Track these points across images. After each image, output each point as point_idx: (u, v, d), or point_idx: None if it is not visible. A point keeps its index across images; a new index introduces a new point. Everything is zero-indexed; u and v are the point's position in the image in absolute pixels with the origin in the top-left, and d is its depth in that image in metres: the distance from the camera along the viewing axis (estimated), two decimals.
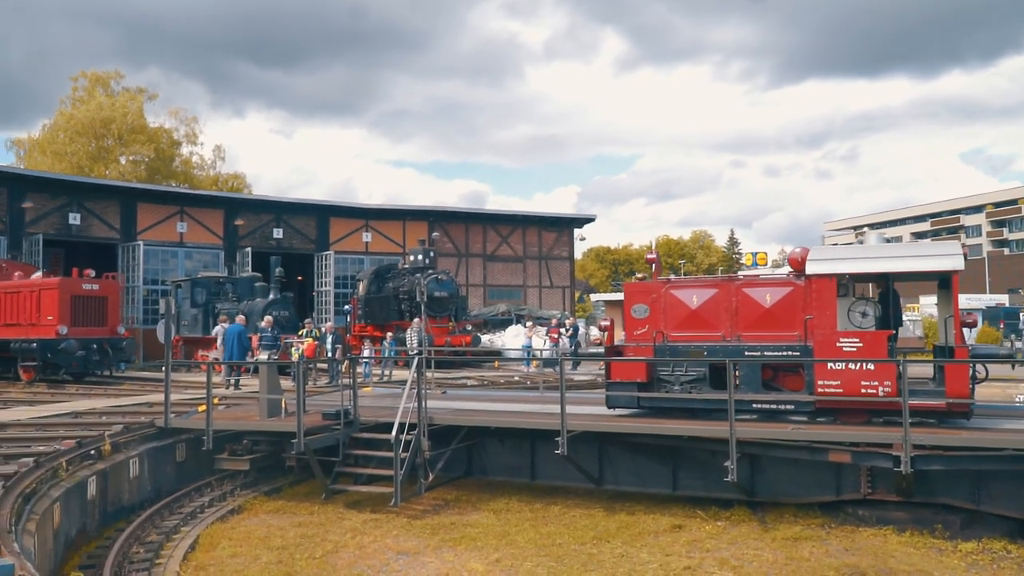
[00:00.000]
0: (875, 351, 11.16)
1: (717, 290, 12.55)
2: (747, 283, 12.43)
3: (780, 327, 11.97)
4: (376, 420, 13.16)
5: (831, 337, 11.39)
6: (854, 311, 11.79)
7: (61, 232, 32.93)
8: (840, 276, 11.65)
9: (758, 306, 12.15)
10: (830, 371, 11.20)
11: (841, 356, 11.21)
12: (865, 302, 11.91)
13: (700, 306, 12.53)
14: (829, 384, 11.21)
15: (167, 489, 12.82)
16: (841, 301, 11.75)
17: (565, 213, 51.51)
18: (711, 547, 10.29)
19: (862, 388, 10.99)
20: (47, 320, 22.75)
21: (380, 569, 9.61)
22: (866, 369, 10.99)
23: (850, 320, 11.72)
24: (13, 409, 16.41)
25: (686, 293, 12.71)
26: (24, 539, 7.68)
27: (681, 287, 12.91)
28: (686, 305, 12.63)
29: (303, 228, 39.86)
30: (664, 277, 13.36)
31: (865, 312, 11.76)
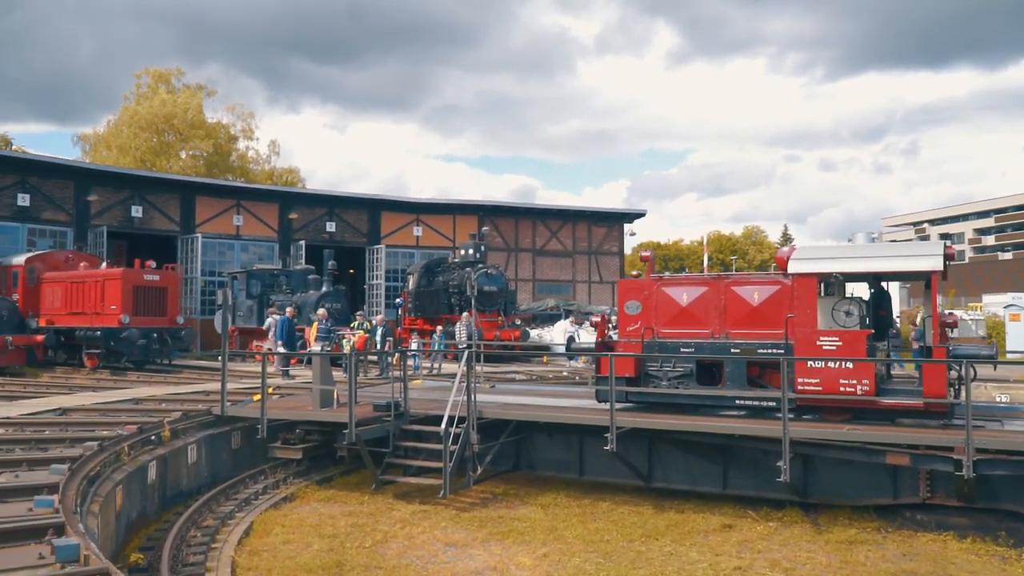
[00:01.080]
0: (854, 350, 11.15)
1: (707, 288, 12.70)
2: (736, 281, 12.59)
3: (766, 325, 12.03)
4: (426, 412, 13.27)
5: (811, 336, 11.44)
6: (838, 310, 11.73)
7: (124, 224, 33.86)
8: (821, 275, 11.77)
9: (746, 304, 12.27)
10: (810, 369, 11.27)
11: (820, 355, 11.24)
12: (850, 301, 11.83)
13: (690, 303, 12.73)
14: (809, 382, 11.26)
15: (223, 475, 13.12)
16: (826, 300, 11.86)
17: (615, 208, 51.25)
18: (762, 548, 10.16)
19: (841, 386, 11.02)
20: (110, 309, 23.47)
21: (429, 560, 9.70)
22: (845, 368, 11.04)
23: (834, 319, 11.69)
24: (78, 394, 16.98)
25: (677, 291, 12.90)
26: (88, 520, 7.93)
27: (672, 285, 13.06)
28: (676, 302, 12.82)
29: (355, 222, 40.34)
30: (657, 275, 13.50)
31: (849, 311, 11.67)
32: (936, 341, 11.20)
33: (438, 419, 12.25)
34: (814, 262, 11.82)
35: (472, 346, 14.27)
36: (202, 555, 9.45)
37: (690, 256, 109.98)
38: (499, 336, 28.20)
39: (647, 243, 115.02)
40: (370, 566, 9.40)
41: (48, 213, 31.90)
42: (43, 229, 31.78)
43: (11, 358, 22.92)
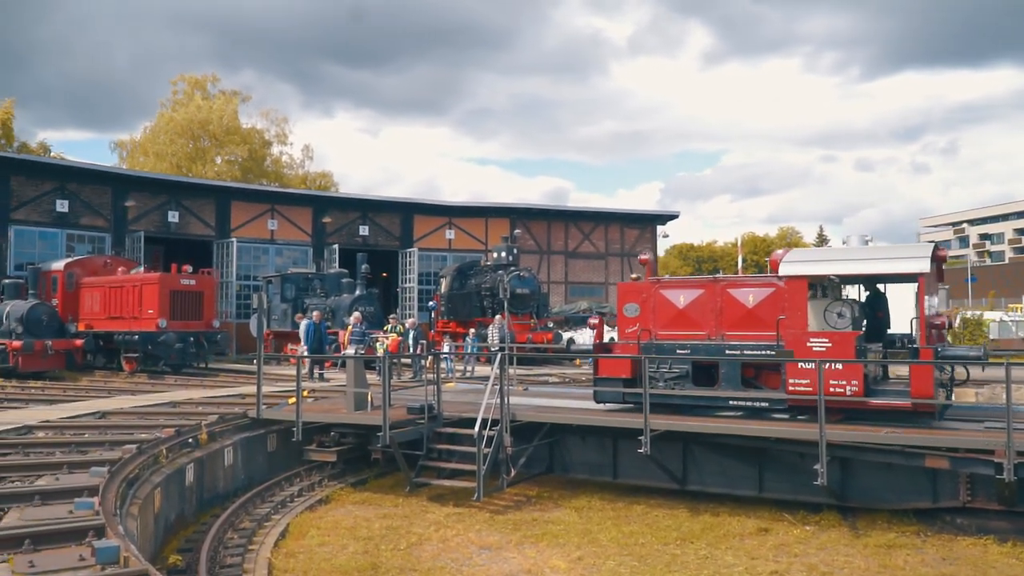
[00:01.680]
0: (843, 351, 11.26)
1: (703, 290, 12.91)
2: (731, 284, 12.78)
3: (761, 327, 12.17)
4: (459, 415, 13.30)
5: (801, 337, 11.61)
6: (831, 312, 11.88)
7: (161, 229, 34.39)
8: (811, 277, 11.92)
9: (741, 306, 12.46)
10: (801, 370, 11.38)
11: (810, 356, 11.34)
12: (843, 303, 12.00)
13: (687, 306, 12.93)
14: (800, 383, 11.39)
15: (259, 478, 13.25)
16: (819, 302, 12.02)
17: (648, 210, 50.99)
18: (799, 552, 10.02)
19: (831, 387, 11.02)
20: (148, 314, 23.85)
21: (463, 563, 9.71)
22: (835, 369, 11.08)
23: (826, 320, 11.83)
24: (117, 398, 17.26)
25: (674, 293, 13.13)
26: (128, 522, 8.05)
27: (669, 287, 13.32)
28: (673, 305, 13.04)
29: (388, 225, 40.57)
30: (655, 278, 13.74)
31: (842, 313, 11.81)
32: (923, 342, 11.22)
33: (471, 422, 12.26)
34: (804, 264, 12.05)
35: (505, 349, 14.25)
36: (239, 557, 9.55)
37: (724, 258, 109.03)
38: (532, 339, 28.18)
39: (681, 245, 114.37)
40: (405, 568, 9.43)
41: (86, 219, 32.50)
42: (81, 235, 32.38)
43: (51, 362, 23.38)
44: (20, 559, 6.14)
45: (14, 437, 11.73)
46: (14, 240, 30.40)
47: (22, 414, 14.35)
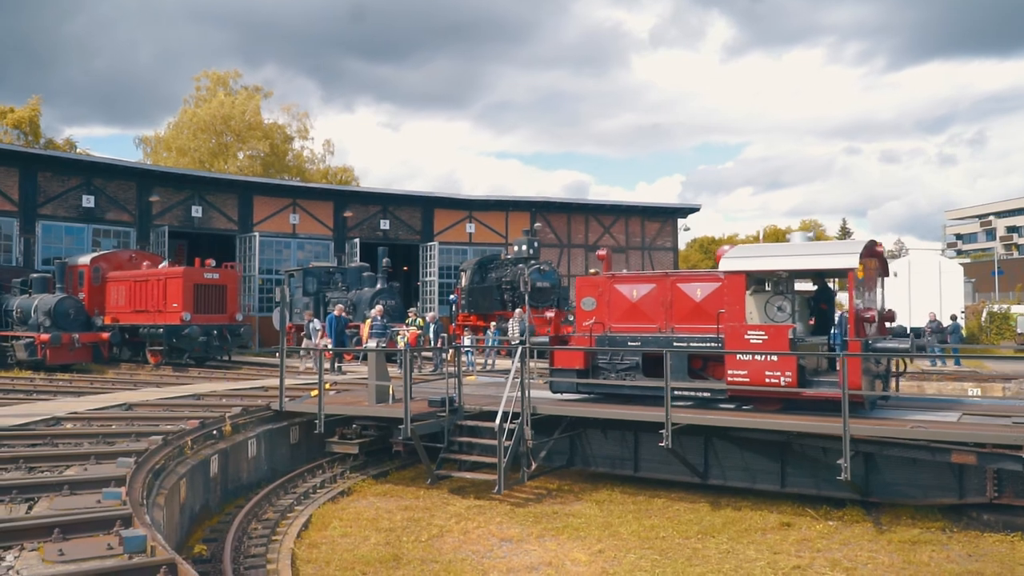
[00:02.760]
0: (778, 344, 11.66)
1: (655, 285, 13.43)
2: (681, 278, 13.32)
3: (707, 320, 12.62)
4: (480, 408, 13.33)
5: (739, 330, 12.01)
6: (771, 305, 12.38)
7: (184, 224, 34.72)
8: (748, 273, 12.31)
9: (689, 300, 12.99)
10: (739, 361, 11.81)
11: (747, 348, 11.78)
12: (783, 298, 12.42)
13: (639, 300, 13.46)
14: (738, 374, 11.84)
15: (282, 470, 13.37)
16: (761, 296, 12.48)
17: (669, 203, 50.75)
18: (822, 547, 9.97)
19: (766, 378, 11.53)
20: (172, 307, 24.10)
21: (484, 555, 9.74)
22: (770, 360, 11.53)
23: (767, 314, 12.33)
24: (143, 390, 17.46)
25: (628, 287, 13.65)
26: (154, 512, 8.15)
27: (623, 282, 13.79)
28: (627, 299, 13.57)
29: (408, 219, 40.70)
30: (610, 273, 14.21)
31: (781, 307, 12.33)
32: (852, 335, 11.64)
33: (492, 415, 12.30)
34: (741, 260, 12.47)
35: (525, 342, 14.27)
36: (263, 547, 9.65)
37: None
38: None
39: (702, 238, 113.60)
40: (426, 560, 9.48)
41: (112, 214, 32.87)
42: (107, 229, 32.77)
43: (78, 355, 23.70)
44: (50, 547, 6.24)
45: (43, 428, 11.91)
46: (42, 235, 30.82)
47: (51, 405, 14.57)
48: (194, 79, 59.49)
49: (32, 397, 16.53)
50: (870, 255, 12.49)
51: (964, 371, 21.66)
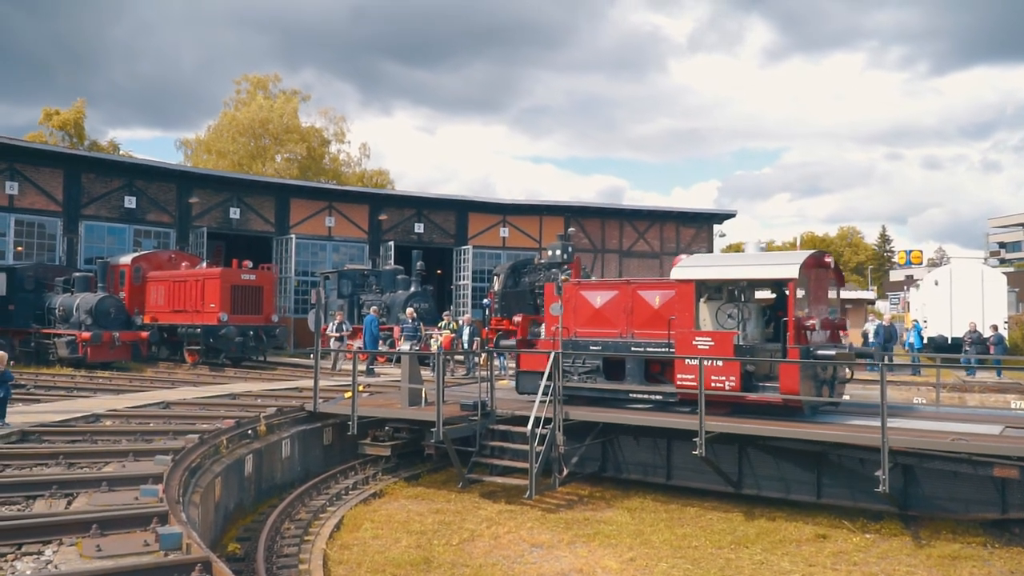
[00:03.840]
0: (723, 350, 12.12)
1: (617, 292, 14.03)
2: (641, 286, 13.93)
3: (663, 326, 13.11)
4: (512, 413, 13.32)
5: (688, 336, 12.51)
6: (723, 313, 12.96)
7: (222, 225, 35.18)
8: (697, 282, 12.88)
9: (648, 307, 13.51)
10: (687, 366, 12.26)
11: (695, 353, 12.20)
12: (733, 306, 12.99)
13: (602, 306, 14.03)
14: (686, 378, 12.27)
15: (314, 470, 13.47)
16: (713, 304, 13.08)
17: (704, 208, 50.31)
18: (858, 560, 9.79)
19: (712, 382, 11.93)
20: (210, 308, 24.43)
21: (515, 560, 9.72)
22: (716, 365, 12.00)
23: (718, 321, 12.92)
24: (180, 389, 17.73)
25: (592, 294, 14.32)
26: (190, 510, 8.25)
27: (588, 289, 14.54)
28: (591, 305, 14.18)
29: (443, 223, 40.85)
30: (576, 280, 14.77)
31: (732, 314, 12.92)
32: (791, 342, 12.07)
33: (524, 419, 12.28)
34: (691, 269, 13.12)
35: None
36: (295, 547, 9.72)
37: None
38: None
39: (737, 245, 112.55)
40: (457, 564, 9.49)
41: (153, 214, 33.42)
42: (148, 230, 33.30)
43: (118, 353, 24.10)
44: (88, 543, 6.34)
45: (83, 425, 12.14)
46: (85, 235, 31.42)
47: (91, 403, 14.84)
48: (234, 82, 60.42)
49: (73, 394, 16.85)
50: (818, 266, 13.11)
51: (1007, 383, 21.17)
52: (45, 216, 30.57)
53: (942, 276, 31.95)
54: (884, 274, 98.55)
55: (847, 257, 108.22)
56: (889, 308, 47.97)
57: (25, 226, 30.06)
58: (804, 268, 12.35)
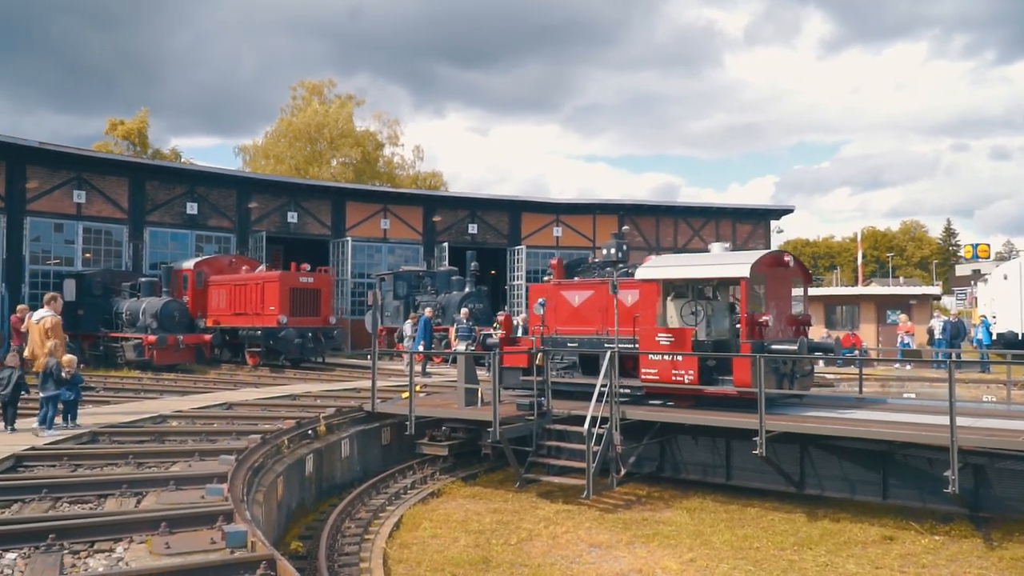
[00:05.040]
0: (682, 345, 12.71)
1: (594, 291, 14.83)
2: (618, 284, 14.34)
3: (640, 323, 13.68)
4: (568, 412, 13.27)
5: (651, 332, 13.10)
6: (686, 311, 13.60)
7: (281, 229, 35.86)
8: (659, 281, 13.55)
9: (622, 305, 14.00)
10: (651, 361, 12.89)
11: (657, 348, 12.84)
12: (696, 303, 13.68)
13: (580, 304, 14.93)
14: (650, 372, 12.93)
15: (373, 470, 13.63)
16: (679, 302, 13.75)
17: (761, 204, 49.50)
18: (927, 563, 9.52)
19: (673, 376, 12.60)
20: (269, 310, 24.90)
21: (573, 560, 9.69)
22: (675, 360, 12.58)
23: (682, 318, 13.57)
24: (242, 390, 18.11)
25: (571, 293, 15.25)
26: (254, 508, 8.41)
27: (568, 288, 15.39)
28: (570, 304, 15.11)
29: (496, 223, 40.97)
30: (557, 280, 15.80)
31: (695, 311, 13.62)
32: (743, 337, 12.59)
33: (581, 419, 12.23)
34: (652, 270, 13.84)
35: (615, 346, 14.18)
36: (356, 546, 9.85)
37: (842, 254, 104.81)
38: None
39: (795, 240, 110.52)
40: (515, 563, 9.49)
41: (214, 220, 34.23)
42: (209, 235, 34.14)
43: (183, 355, 24.74)
44: (157, 540, 6.52)
45: (151, 425, 12.48)
46: (149, 241, 32.35)
47: (157, 404, 15.26)
48: (290, 88, 61.63)
49: (140, 396, 17.35)
50: (777, 265, 13.65)
51: None
52: (111, 223, 31.54)
53: (1011, 270, 30.85)
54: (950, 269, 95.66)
55: (910, 252, 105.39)
56: (955, 304, 46.56)
57: (93, 233, 31.08)
58: (757, 267, 12.87)
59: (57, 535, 6.49)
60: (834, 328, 29.78)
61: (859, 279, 46.37)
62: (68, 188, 30.30)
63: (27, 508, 7.76)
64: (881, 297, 31.33)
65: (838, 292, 34.36)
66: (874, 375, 23.21)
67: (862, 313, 30.19)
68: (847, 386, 21.15)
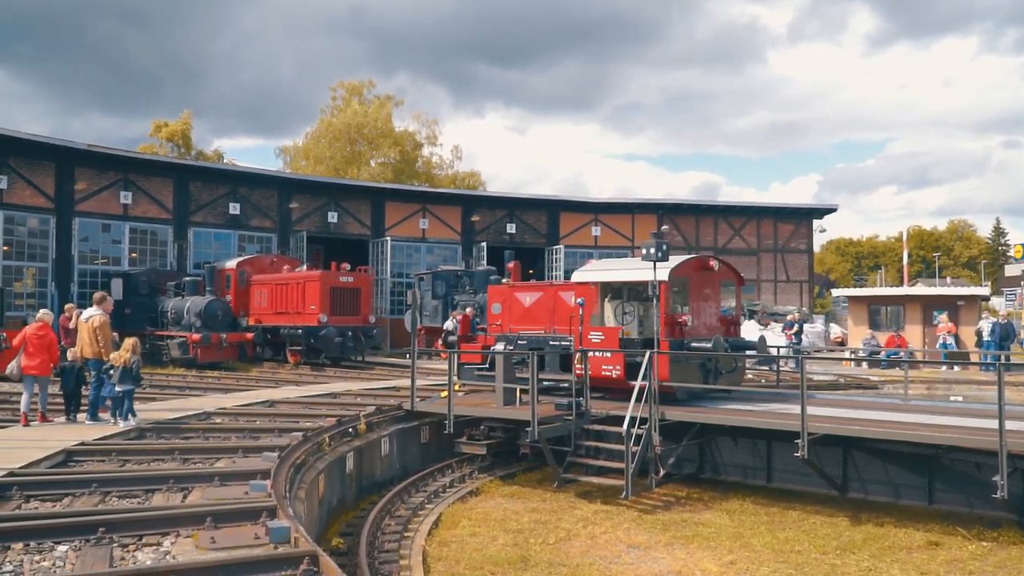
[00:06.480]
0: (611, 342, 13.71)
1: (543, 293, 16.07)
2: (561, 287, 15.72)
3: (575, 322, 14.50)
4: (607, 412, 13.24)
5: (585, 331, 14.05)
6: (619, 311, 14.55)
7: (321, 229, 36.26)
8: (592, 284, 14.70)
9: (567, 305, 15.14)
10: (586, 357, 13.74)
11: (590, 346, 13.73)
12: (630, 304, 14.71)
13: (531, 305, 15.97)
14: (582, 368, 13.62)
15: (412, 468, 13.73)
16: (615, 302, 14.73)
17: (804, 203, 48.78)
18: (974, 569, 9.31)
19: (603, 371, 13.50)
20: (310, 309, 25.19)
21: (612, 560, 9.66)
22: (605, 356, 13.54)
23: (616, 318, 14.50)
24: (283, 388, 18.36)
25: (523, 295, 16.38)
26: (296, 505, 8.54)
27: (520, 290, 16.58)
28: (522, 304, 16.21)
29: (534, 223, 40.97)
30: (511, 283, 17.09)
31: (628, 312, 14.65)
32: (663, 336, 13.66)
33: (620, 419, 12.19)
34: (587, 273, 15.29)
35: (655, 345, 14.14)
36: (396, 543, 9.93)
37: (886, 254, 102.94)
38: None
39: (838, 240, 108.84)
40: (554, 563, 9.50)
41: (255, 220, 34.73)
42: (251, 235, 34.64)
43: (226, 354, 25.13)
44: (203, 535, 6.64)
45: (195, 422, 12.72)
46: (193, 241, 32.94)
47: (202, 401, 15.54)
48: (330, 89, 62.23)
49: (185, 393, 17.67)
50: (702, 269, 14.77)
51: None
52: (157, 224, 32.17)
53: None
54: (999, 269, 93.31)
55: (958, 251, 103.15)
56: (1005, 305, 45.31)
57: (139, 233, 31.72)
58: (677, 272, 14.07)
59: (107, 529, 6.64)
60: (878, 329, 29.26)
61: (904, 279, 45.43)
62: (115, 189, 30.98)
63: (77, 502, 7.96)
64: (927, 297, 30.68)
65: (882, 292, 33.74)
66: (920, 377, 22.77)
67: (908, 314, 29.60)
68: (891, 388, 20.79)
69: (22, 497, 7.92)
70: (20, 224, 28.69)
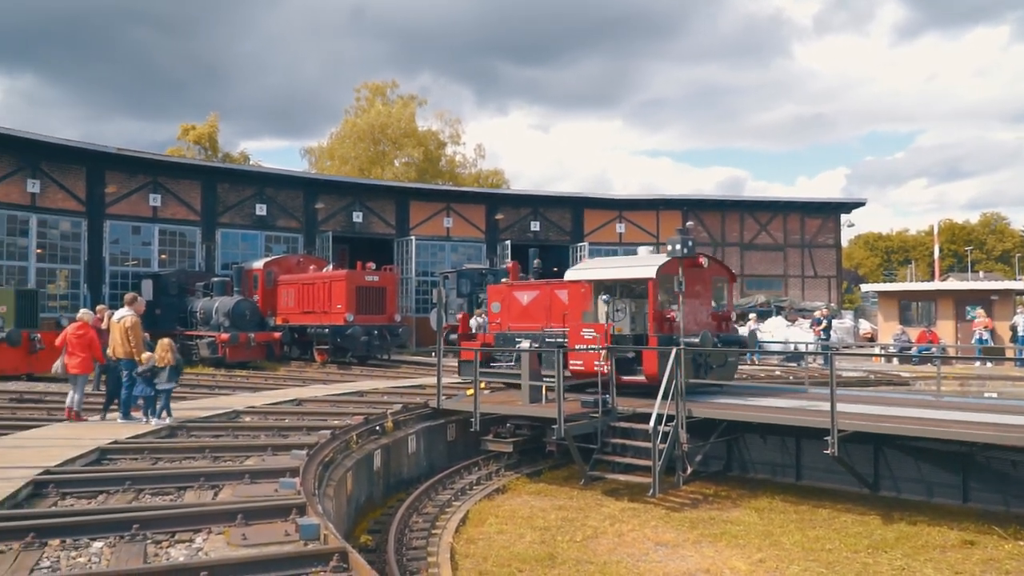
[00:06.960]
0: (601, 339, 13.84)
1: (539, 291, 16.32)
2: (556, 286, 15.89)
3: (568, 320, 15.04)
4: (633, 410, 13.20)
5: (577, 328, 14.38)
6: (612, 308, 14.68)
7: (346, 229, 36.46)
8: (584, 282, 15.01)
9: (561, 303, 15.56)
10: (577, 352, 14.09)
11: (582, 342, 14.10)
12: (622, 302, 14.98)
13: (529, 303, 16.34)
14: (576, 363, 14.08)
15: (439, 466, 13.77)
16: (608, 300, 14.71)
17: (831, 198, 48.24)
18: (1011, 569, 9.17)
19: (594, 366, 13.51)
20: (337, 308, 25.35)
21: (639, 558, 9.63)
22: (595, 351, 13.72)
23: (609, 315, 14.56)
24: (311, 387, 18.49)
25: (520, 294, 16.64)
26: (325, 502, 8.59)
27: (519, 289, 16.83)
28: (520, 303, 16.47)
29: (558, 220, 40.91)
30: (510, 282, 17.26)
31: (619, 309, 14.87)
32: (651, 331, 13.98)
33: (646, 416, 12.14)
34: (577, 272, 15.60)
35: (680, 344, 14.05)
36: (423, 540, 9.97)
37: (917, 248, 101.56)
38: None
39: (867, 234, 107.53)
40: (581, 560, 9.48)
41: (282, 221, 35.00)
42: (278, 236, 34.92)
43: (254, 353, 25.35)
44: (234, 531, 6.71)
45: (225, 421, 12.85)
46: (221, 241, 33.26)
47: (231, 400, 15.70)
48: (354, 90, 62.73)
49: (214, 392, 17.85)
50: (691, 266, 14.71)
51: None
52: (185, 225, 32.52)
53: None
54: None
55: (991, 245, 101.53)
56: None
57: (168, 235, 32.10)
58: (665, 269, 14.09)
59: (140, 525, 6.73)
60: (909, 324, 28.89)
61: (936, 274, 44.79)
62: (144, 192, 31.37)
63: (111, 499, 8.07)
64: (960, 292, 30.24)
65: (913, 287, 33.31)
66: (953, 373, 22.46)
67: (939, 309, 29.19)
68: (923, 384, 20.53)
69: (58, 494, 8.05)
70: (53, 227, 29.12)
